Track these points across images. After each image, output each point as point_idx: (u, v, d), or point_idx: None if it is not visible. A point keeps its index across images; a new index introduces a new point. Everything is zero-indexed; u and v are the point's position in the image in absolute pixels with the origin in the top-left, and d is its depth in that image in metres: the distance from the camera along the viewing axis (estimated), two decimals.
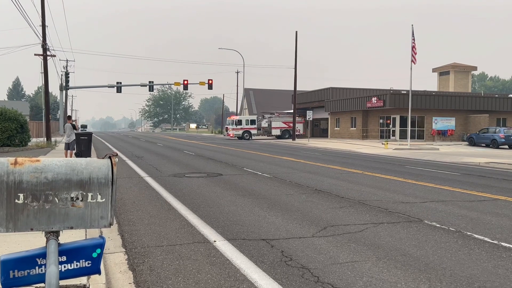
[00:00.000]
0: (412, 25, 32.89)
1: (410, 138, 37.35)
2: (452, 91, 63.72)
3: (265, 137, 60.71)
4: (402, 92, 48.53)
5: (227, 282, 4.92)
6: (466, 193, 11.59)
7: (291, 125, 57.63)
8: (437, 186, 12.70)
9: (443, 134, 47.52)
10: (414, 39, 32.78)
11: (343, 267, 5.43)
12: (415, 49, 32.85)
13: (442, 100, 47.83)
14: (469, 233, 7.22)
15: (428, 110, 47.43)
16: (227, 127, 60.75)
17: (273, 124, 59.57)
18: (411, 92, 35.64)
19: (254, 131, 58.95)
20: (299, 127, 60.28)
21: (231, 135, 58.46)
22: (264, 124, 60.24)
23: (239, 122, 58.52)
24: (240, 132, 58.05)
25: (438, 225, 7.78)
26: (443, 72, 72.75)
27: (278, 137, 59.10)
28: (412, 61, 33.08)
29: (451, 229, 7.51)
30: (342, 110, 54.97)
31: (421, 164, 20.68)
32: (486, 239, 6.89)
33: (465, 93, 59.52)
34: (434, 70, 75.30)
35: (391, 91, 49.73)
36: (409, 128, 37.17)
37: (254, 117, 61.49)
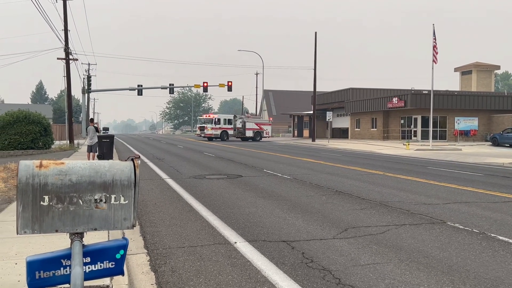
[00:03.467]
0: (434, 24, 32.55)
1: (432, 139, 36.92)
2: (475, 91, 62.81)
3: (237, 139, 57.23)
4: (424, 92, 48.00)
5: (248, 284, 4.93)
6: (489, 194, 11.41)
7: (262, 127, 58.39)
8: (460, 187, 12.53)
9: (465, 134, 46.84)
10: (435, 38, 32.41)
11: (364, 269, 5.39)
12: (436, 48, 32.47)
13: (465, 100, 47.15)
14: (493, 235, 7.10)
15: (450, 110, 46.81)
16: (204, 126, 56.01)
17: (247, 125, 57.17)
18: (433, 92, 35.21)
19: (231, 132, 56.34)
20: (268, 129, 59.88)
21: (211, 134, 54.62)
22: (238, 124, 57.17)
23: (218, 121, 55.39)
24: (219, 131, 55.02)
25: (461, 226, 7.68)
26: (465, 71, 71.71)
27: (251, 138, 56.59)
28: (433, 60, 32.70)
29: (474, 230, 7.40)
30: (363, 111, 54.60)
31: (443, 165, 20.42)
32: (510, 241, 6.77)
33: (488, 92, 58.58)
34: (456, 69, 74.28)
35: (412, 91, 49.22)
36: (431, 129, 36.73)
37: (231, 116, 58.88)
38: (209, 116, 58.73)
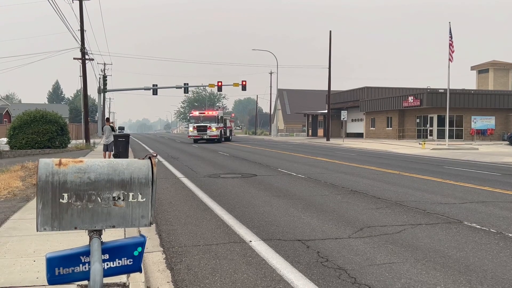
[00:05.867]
0: (450, 22, 32.21)
1: (448, 138, 36.53)
2: (492, 90, 62.04)
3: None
4: (440, 90, 47.52)
5: (263, 282, 4.94)
6: (507, 193, 11.27)
7: (231, 124, 54.91)
8: (477, 187, 12.39)
9: (482, 134, 46.31)
10: (451, 36, 32.07)
11: (380, 269, 5.37)
12: (453, 46, 32.12)
13: (481, 98, 46.62)
14: (511, 235, 7.01)
15: (466, 109, 46.31)
16: (207, 126, 44.26)
17: (227, 123, 50.92)
18: (449, 90, 34.86)
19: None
20: (233, 126, 56.71)
21: (216, 136, 44.57)
22: None
23: (220, 119, 46.10)
24: (218, 131, 45.19)
25: (478, 226, 7.60)
26: (482, 70, 70.86)
27: (225, 138, 49.31)
28: (449, 59, 32.37)
29: (492, 230, 7.32)
30: (378, 110, 54.28)
31: (459, 164, 20.21)
32: None
33: (505, 91, 57.82)
34: (472, 68, 73.42)
35: (428, 90, 48.81)
36: (447, 128, 36.36)
37: (221, 113, 49.59)
38: (209, 112, 47.13)
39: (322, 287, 4.78)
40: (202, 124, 44.68)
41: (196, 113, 47.45)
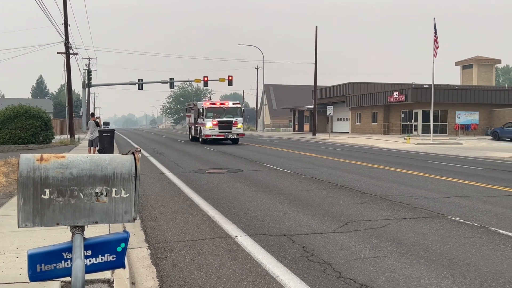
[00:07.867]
0: (434, 18, 32.43)
1: (433, 133, 36.87)
2: (476, 85, 62.64)
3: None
4: (424, 86, 47.89)
5: (248, 277, 4.95)
6: (490, 188, 11.41)
7: None
8: (461, 181, 12.53)
9: (466, 129, 46.82)
10: (436, 32, 32.31)
11: (365, 263, 5.40)
12: (437, 42, 32.37)
13: (466, 94, 47.07)
14: (493, 229, 7.11)
15: (451, 104, 46.74)
16: (233, 122, 32.47)
17: None
18: (434, 86, 35.12)
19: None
20: None
21: (243, 134, 33.98)
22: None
23: (242, 113, 34.56)
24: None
25: (461, 220, 7.68)
26: (466, 65, 71.52)
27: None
28: (433, 54, 32.63)
29: (475, 224, 7.41)
30: (363, 105, 54.56)
31: (444, 159, 20.41)
32: (511, 234, 6.77)
33: (489, 86, 58.46)
34: (457, 63, 74.09)
35: (413, 86, 49.12)
36: (431, 123, 36.66)
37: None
38: (231, 103, 34.33)
39: (307, 282, 4.79)
40: (226, 119, 32.31)
41: (214, 103, 34.05)
